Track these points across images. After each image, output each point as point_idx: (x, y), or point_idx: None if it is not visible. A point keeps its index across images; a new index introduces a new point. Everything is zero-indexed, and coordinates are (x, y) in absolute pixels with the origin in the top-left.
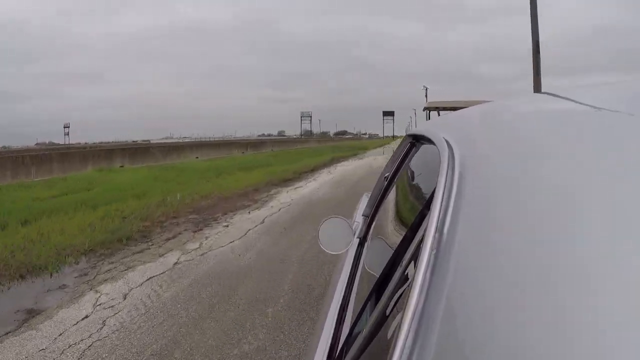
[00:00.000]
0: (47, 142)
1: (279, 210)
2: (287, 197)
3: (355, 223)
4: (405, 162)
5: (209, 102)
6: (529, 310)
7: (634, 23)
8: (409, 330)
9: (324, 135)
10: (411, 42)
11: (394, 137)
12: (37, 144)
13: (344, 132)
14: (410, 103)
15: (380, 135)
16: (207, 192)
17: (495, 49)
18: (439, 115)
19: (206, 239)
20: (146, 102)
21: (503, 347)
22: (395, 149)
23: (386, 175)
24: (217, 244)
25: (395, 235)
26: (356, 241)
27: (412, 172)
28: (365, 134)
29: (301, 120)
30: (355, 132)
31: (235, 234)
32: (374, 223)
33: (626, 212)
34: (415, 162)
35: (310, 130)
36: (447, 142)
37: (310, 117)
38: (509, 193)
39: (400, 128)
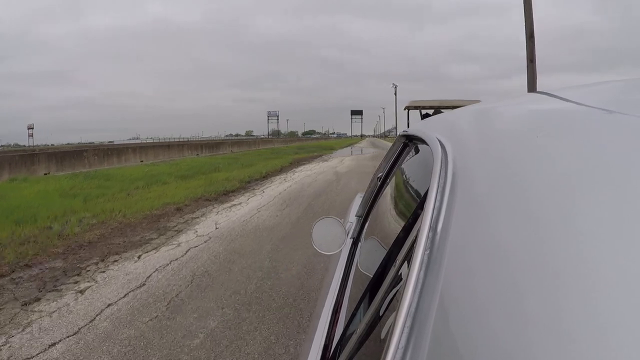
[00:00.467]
0: (12, 144)
1: (186, 252)
2: (211, 225)
3: (349, 223)
4: (399, 162)
5: (178, 102)
6: (522, 309)
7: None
8: (402, 330)
9: (292, 135)
10: (380, 42)
11: (362, 137)
12: (2, 145)
13: (312, 132)
14: (378, 102)
15: (349, 134)
16: (111, 215)
17: (461, 51)
18: (421, 114)
19: (25, 328)
20: (115, 102)
21: (496, 346)
22: (364, 148)
23: (379, 175)
24: (26, 348)
25: (389, 235)
26: (349, 241)
27: (406, 172)
28: (333, 133)
29: (268, 120)
30: (323, 132)
31: (78, 318)
32: (367, 223)
33: (618, 212)
34: (409, 162)
35: (278, 130)
36: (440, 142)
37: (277, 116)
38: (502, 193)
39: (368, 127)
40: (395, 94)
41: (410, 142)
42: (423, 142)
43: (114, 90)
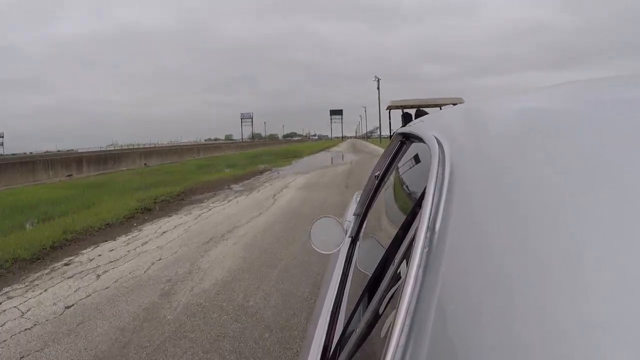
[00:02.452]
0: None
1: None
2: None
3: (347, 222)
4: (396, 160)
5: (156, 108)
6: (521, 307)
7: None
8: (402, 329)
9: (272, 138)
10: (357, 44)
11: (342, 138)
12: None
13: (294, 134)
14: (359, 103)
15: (330, 136)
16: None
17: (435, 51)
18: (403, 113)
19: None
20: (90, 109)
21: (495, 344)
22: (343, 153)
23: (377, 174)
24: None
25: (387, 234)
26: (348, 240)
27: (403, 171)
28: (314, 135)
29: (241, 122)
30: (304, 134)
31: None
32: (365, 222)
33: (616, 212)
34: (406, 160)
35: (253, 133)
36: (437, 140)
37: (252, 118)
38: (500, 190)
39: (350, 128)
40: (378, 88)
41: (408, 140)
42: (420, 140)
43: (87, 98)
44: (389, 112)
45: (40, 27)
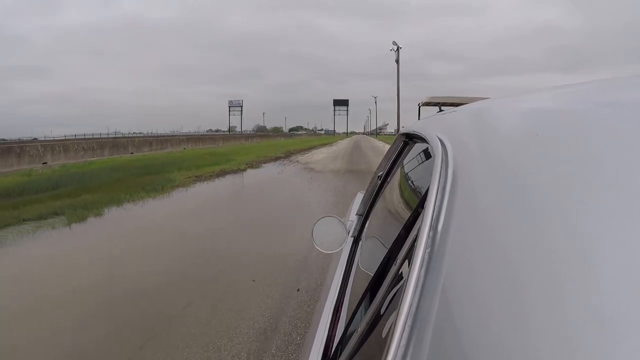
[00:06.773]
0: None
1: None
2: None
3: (350, 222)
4: (399, 160)
5: (161, 99)
6: (523, 308)
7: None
8: (403, 329)
9: (276, 131)
10: (365, 42)
11: (348, 134)
12: None
13: (300, 128)
14: (368, 99)
15: (334, 131)
16: None
17: (441, 50)
18: (440, 110)
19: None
20: (94, 98)
21: (497, 344)
22: (319, 170)
23: (380, 174)
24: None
25: (390, 234)
26: (350, 240)
27: (406, 171)
28: (321, 129)
29: (229, 111)
30: (311, 128)
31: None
32: (368, 222)
33: (618, 211)
34: (409, 160)
35: (242, 124)
36: (440, 140)
37: (241, 106)
38: (502, 192)
39: (358, 125)
40: (397, 60)
41: (411, 140)
42: (423, 140)
43: (92, 86)
44: (419, 109)
45: (49, 17)
